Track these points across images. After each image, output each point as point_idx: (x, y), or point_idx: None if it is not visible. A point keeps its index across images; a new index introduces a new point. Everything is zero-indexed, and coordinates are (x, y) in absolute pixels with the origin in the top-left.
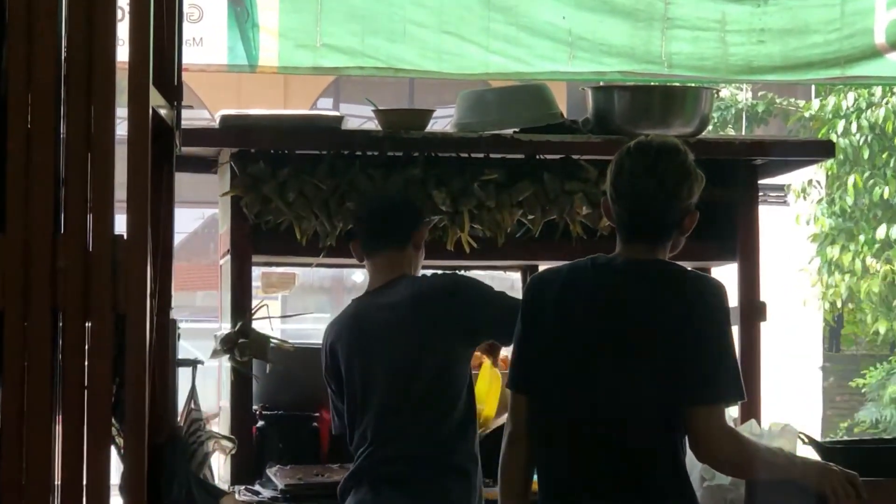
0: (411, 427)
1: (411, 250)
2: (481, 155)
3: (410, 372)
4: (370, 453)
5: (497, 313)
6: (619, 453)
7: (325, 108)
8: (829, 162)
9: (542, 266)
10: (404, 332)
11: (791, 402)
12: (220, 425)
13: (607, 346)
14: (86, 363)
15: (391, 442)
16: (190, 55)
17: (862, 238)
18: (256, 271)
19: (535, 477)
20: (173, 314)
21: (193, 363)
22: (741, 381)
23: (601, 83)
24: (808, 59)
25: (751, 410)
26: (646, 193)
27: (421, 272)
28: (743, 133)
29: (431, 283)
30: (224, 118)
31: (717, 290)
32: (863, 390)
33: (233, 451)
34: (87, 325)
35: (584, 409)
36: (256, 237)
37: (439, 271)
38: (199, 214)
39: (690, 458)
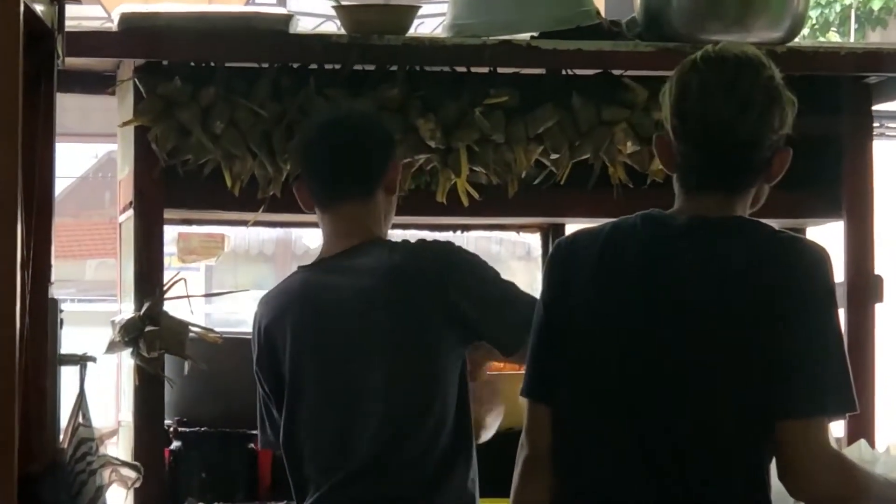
0: (385, 457)
1: (381, 197)
2: (485, 70)
3: (385, 376)
4: (324, 494)
5: (502, 306)
6: (681, 483)
7: (267, 3)
8: None
9: (571, 225)
10: (377, 319)
11: None
12: (120, 447)
13: (663, 338)
14: None
15: (356, 477)
16: None
17: None
18: (170, 231)
19: None
20: (54, 291)
21: (82, 360)
22: (851, 386)
23: None
24: None
25: (861, 427)
26: (726, 121)
27: (390, 233)
28: (852, 39)
29: (416, 255)
30: (125, 18)
31: (818, 257)
32: None
33: (137, 484)
34: None
35: (632, 425)
36: (170, 184)
37: (426, 236)
38: (92, 152)
39: (777, 492)
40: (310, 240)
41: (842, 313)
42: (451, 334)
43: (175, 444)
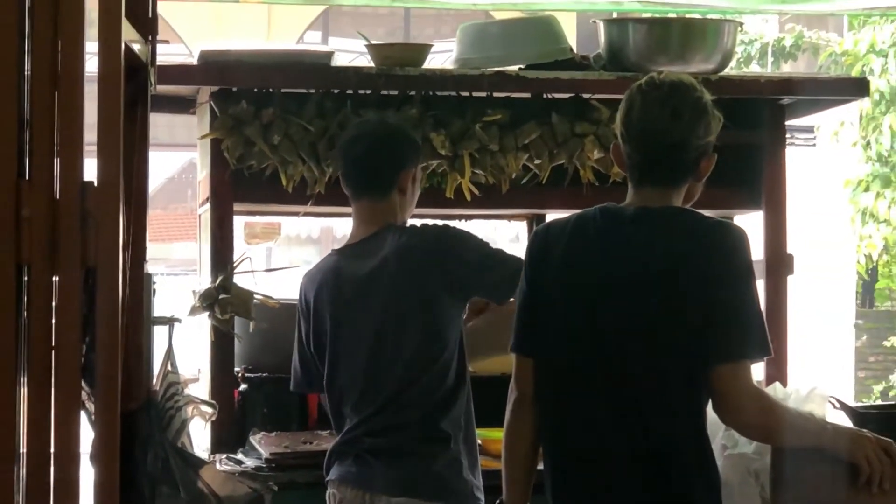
0: (404, 393)
1: (396, 196)
2: (483, 94)
3: (397, 334)
4: (356, 424)
5: (489, 268)
6: (634, 418)
7: (313, 42)
8: (865, 102)
9: (550, 215)
10: (388, 288)
11: (820, 363)
12: (200, 389)
13: (619, 302)
14: (53, 321)
15: (378, 412)
16: None
17: None
18: (238, 221)
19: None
20: (148, 267)
21: (170, 321)
22: (767, 336)
23: (615, 14)
24: None
25: (776, 372)
26: (659, 128)
27: (410, 221)
28: (769, 70)
29: (417, 234)
30: (203, 54)
31: (738, 236)
32: None
33: (213, 418)
34: (55, 279)
35: (596, 371)
36: (238, 183)
37: (431, 221)
38: (177, 159)
39: (710, 426)
40: (346, 228)
41: (760, 283)
42: (450, 294)
43: (243, 387)
